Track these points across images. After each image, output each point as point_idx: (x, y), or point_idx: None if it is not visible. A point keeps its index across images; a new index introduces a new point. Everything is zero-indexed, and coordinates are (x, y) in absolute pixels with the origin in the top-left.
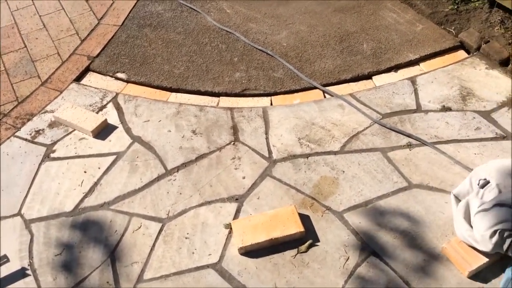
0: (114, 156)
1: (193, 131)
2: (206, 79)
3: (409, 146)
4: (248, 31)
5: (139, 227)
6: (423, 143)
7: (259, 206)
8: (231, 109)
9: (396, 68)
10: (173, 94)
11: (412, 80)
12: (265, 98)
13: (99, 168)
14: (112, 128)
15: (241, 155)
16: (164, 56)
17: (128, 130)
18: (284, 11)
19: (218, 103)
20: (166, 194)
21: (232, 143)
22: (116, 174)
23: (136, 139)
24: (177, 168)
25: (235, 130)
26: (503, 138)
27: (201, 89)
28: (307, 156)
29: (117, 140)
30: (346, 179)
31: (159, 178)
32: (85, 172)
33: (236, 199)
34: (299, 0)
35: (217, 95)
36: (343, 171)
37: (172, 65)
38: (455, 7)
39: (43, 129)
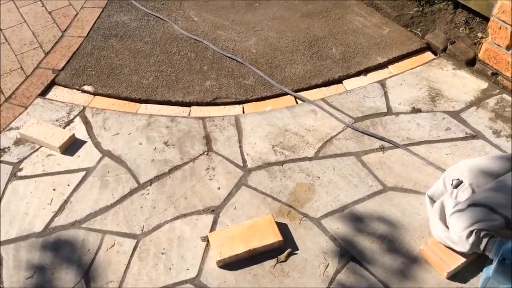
0: (84, 172)
1: (165, 143)
2: (176, 88)
3: (382, 149)
4: (217, 39)
5: (113, 245)
6: (395, 145)
7: (235, 216)
8: (203, 118)
9: (366, 71)
10: (143, 105)
11: (382, 83)
12: (237, 106)
13: (68, 185)
14: (81, 143)
15: (215, 165)
16: (131, 66)
17: (97, 145)
18: (252, 17)
19: (189, 113)
20: (140, 209)
21: (206, 153)
22: (87, 190)
23: (106, 153)
24: (150, 182)
25: (208, 140)
26: (473, 137)
27: (172, 99)
28: (282, 163)
29: (86, 155)
30: (322, 185)
31: (131, 192)
32: (54, 190)
33: (212, 210)
34: (267, 7)
35: (188, 104)
36: (319, 177)
37: (141, 75)
38: (420, 9)
39: (8, 147)
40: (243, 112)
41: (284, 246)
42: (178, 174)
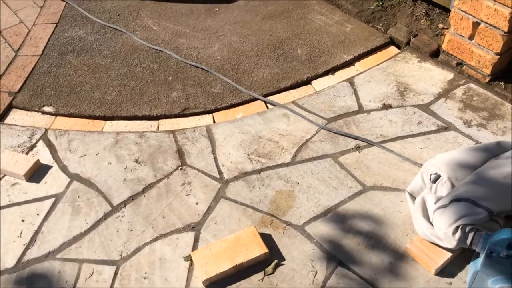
0: (53, 199)
1: (136, 160)
2: (141, 102)
3: (358, 148)
4: (179, 47)
5: (92, 274)
6: (370, 143)
7: (217, 231)
8: (173, 131)
9: (333, 70)
10: (108, 122)
11: (350, 81)
12: (206, 116)
13: (38, 214)
14: (46, 168)
15: (191, 180)
16: (92, 82)
17: (64, 169)
18: (213, 23)
19: (158, 127)
20: (116, 233)
21: (180, 168)
22: (58, 218)
23: (74, 177)
24: (124, 203)
25: (180, 153)
26: (445, 129)
27: (138, 114)
28: (259, 171)
29: (54, 181)
30: (302, 190)
31: (105, 216)
32: (23, 220)
33: (193, 227)
34: (227, 11)
35: (156, 118)
36: (298, 183)
37: (103, 91)
38: (380, 3)
39: None
40: (214, 121)
41: (270, 258)
42: (153, 192)
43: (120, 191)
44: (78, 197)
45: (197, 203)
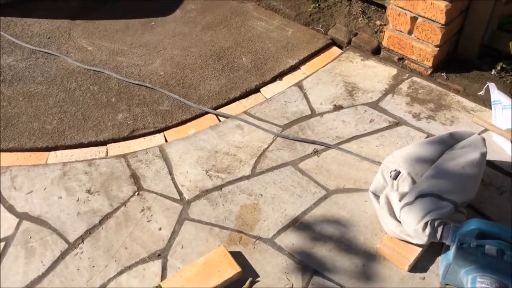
0: (3, 243)
1: (88, 191)
2: (85, 128)
3: (316, 152)
4: (119, 66)
5: None
6: (328, 146)
7: (185, 256)
8: (124, 156)
9: (280, 76)
10: (52, 153)
11: (299, 86)
12: (157, 135)
13: None
14: None
15: (150, 204)
16: (29, 112)
17: (10, 208)
18: (152, 37)
19: (107, 153)
20: (77, 271)
21: (136, 193)
22: (11, 263)
23: (23, 216)
24: (81, 238)
25: (135, 178)
26: (397, 124)
27: (84, 141)
28: (220, 187)
29: (1, 223)
30: (267, 202)
31: (63, 255)
32: None
33: (159, 255)
34: (164, 24)
35: (104, 143)
36: (261, 195)
37: (42, 120)
38: (317, 5)
39: None
40: (166, 140)
41: (244, 276)
42: (111, 223)
43: (75, 226)
44: (30, 237)
45: (160, 229)
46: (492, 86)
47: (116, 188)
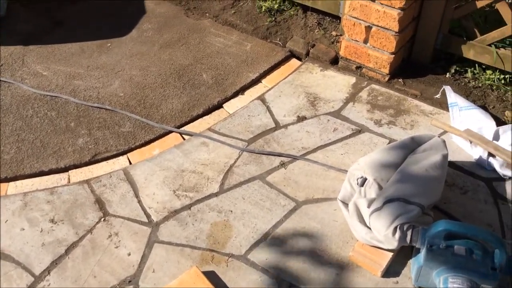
0: None
1: (52, 220)
2: (45, 156)
3: (283, 165)
4: (76, 90)
5: None
6: (294, 158)
7: (157, 280)
8: (87, 181)
9: (242, 90)
10: (12, 184)
11: (262, 99)
12: (121, 158)
13: None
14: None
15: (118, 230)
16: None
17: None
18: (108, 59)
19: (69, 179)
20: None
21: (102, 219)
22: None
23: None
24: (48, 270)
25: (100, 203)
26: (359, 132)
27: (44, 169)
28: (189, 207)
29: None
30: (237, 218)
31: None
32: None
33: (129, 281)
34: (121, 45)
35: (65, 170)
36: (231, 211)
37: None
38: (273, 18)
39: None
40: (130, 163)
41: None
42: (77, 252)
43: (41, 258)
44: None
45: (129, 254)
46: (447, 89)
47: (80, 216)
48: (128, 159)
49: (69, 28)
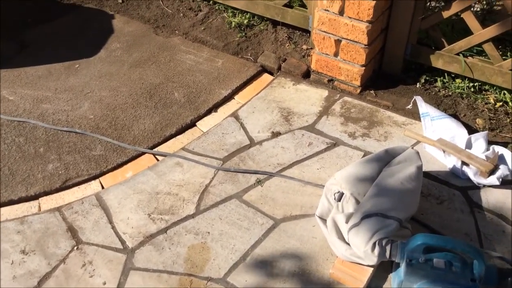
0: None
1: (23, 251)
2: (14, 183)
3: (259, 182)
4: (44, 114)
5: None
6: (270, 175)
7: None
8: (58, 208)
9: (215, 108)
10: None
11: (235, 116)
12: (92, 182)
13: None
14: None
15: (92, 258)
16: None
17: None
18: (77, 81)
19: (40, 207)
20: None
21: (75, 248)
22: None
23: None
24: None
25: (73, 231)
26: (334, 145)
27: (13, 197)
28: (165, 230)
29: None
30: (215, 239)
31: None
32: None
33: None
34: (89, 66)
35: (35, 197)
36: (209, 232)
37: None
38: (243, 34)
39: None
40: (103, 187)
41: None
42: (50, 283)
43: None
44: None
45: (104, 283)
46: (418, 99)
47: (53, 245)
48: (101, 183)
49: (35, 50)
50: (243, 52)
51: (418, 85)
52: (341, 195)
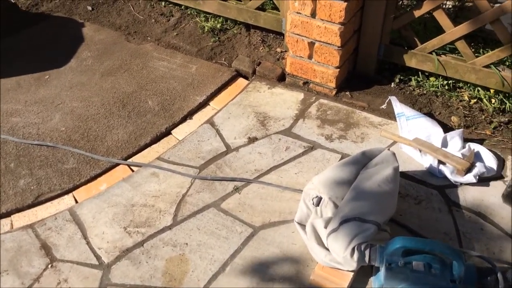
0: None
1: None
2: None
3: (237, 189)
4: (14, 128)
5: None
6: (248, 181)
7: None
8: (31, 225)
9: (190, 115)
10: None
11: (211, 122)
12: (66, 197)
13: None
14: None
15: (67, 276)
16: None
17: None
18: (47, 92)
19: (12, 225)
20: None
21: (50, 265)
22: None
23: None
24: None
25: (46, 249)
26: (311, 148)
27: None
28: (141, 244)
29: None
30: (193, 250)
31: None
32: None
33: None
34: (59, 76)
35: (7, 215)
36: (186, 244)
37: None
38: (217, 38)
39: None
40: (76, 201)
41: None
42: None
43: None
44: None
45: None
46: (393, 99)
47: (26, 264)
48: (74, 197)
49: (3, 62)
50: (217, 56)
51: (393, 84)
52: (319, 199)
